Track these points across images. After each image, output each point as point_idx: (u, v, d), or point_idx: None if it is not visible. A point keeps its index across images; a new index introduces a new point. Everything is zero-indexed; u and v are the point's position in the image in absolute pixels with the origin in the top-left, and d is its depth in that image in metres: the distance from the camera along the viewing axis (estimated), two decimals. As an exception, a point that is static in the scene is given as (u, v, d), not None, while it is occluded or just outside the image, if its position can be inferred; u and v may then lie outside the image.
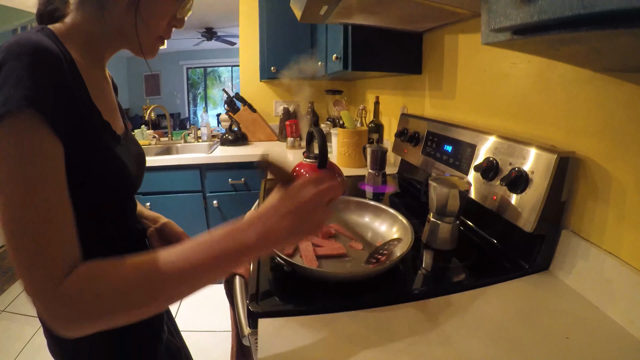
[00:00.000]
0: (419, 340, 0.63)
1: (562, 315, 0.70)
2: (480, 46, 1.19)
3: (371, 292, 0.76)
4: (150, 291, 0.50)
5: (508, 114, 1.07)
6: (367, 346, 0.62)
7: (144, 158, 0.84)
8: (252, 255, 0.56)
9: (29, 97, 0.48)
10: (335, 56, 1.77)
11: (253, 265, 0.86)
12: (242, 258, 0.54)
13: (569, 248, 0.81)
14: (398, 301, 0.74)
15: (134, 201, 0.84)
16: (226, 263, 0.54)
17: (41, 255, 0.47)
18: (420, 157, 1.40)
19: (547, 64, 0.90)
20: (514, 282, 0.81)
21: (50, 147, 0.51)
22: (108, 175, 0.65)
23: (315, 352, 0.61)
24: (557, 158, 0.78)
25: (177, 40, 6.79)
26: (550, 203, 0.80)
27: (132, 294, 0.49)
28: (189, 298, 0.57)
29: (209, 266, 0.53)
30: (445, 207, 0.90)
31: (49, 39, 0.55)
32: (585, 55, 0.63)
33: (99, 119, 0.66)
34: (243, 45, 3.29)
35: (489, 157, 0.97)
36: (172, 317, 1.03)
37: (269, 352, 0.60)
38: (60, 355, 0.73)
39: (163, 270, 0.50)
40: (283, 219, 0.55)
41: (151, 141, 3.18)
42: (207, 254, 0.53)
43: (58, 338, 0.71)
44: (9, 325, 2.40)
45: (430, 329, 0.66)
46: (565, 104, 0.86)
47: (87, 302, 0.47)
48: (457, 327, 0.66)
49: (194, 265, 0.52)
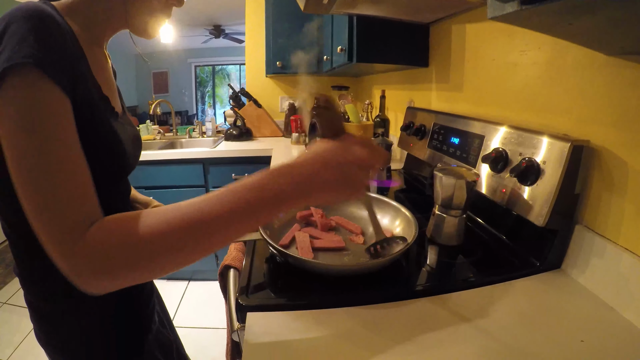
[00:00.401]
0: (415, 342, 0.59)
1: (575, 317, 0.65)
2: (489, 35, 1.15)
3: (371, 287, 0.72)
4: (175, 238, 0.47)
5: (518, 104, 1.02)
6: (359, 344, 0.58)
7: (139, 141, 0.83)
8: (288, 203, 0.51)
9: (33, 55, 0.48)
10: (340, 48, 1.74)
11: (246, 257, 0.82)
12: (278, 205, 0.51)
13: (582, 244, 0.76)
14: (398, 298, 0.70)
15: (128, 184, 0.84)
16: (261, 209, 0.50)
17: (61, 206, 0.46)
18: (427, 150, 1.36)
19: (559, 49, 0.86)
20: (524, 280, 0.76)
21: (58, 101, 0.50)
22: (103, 149, 0.64)
23: (304, 350, 0.57)
24: (571, 146, 0.73)
25: (185, 38, 6.80)
26: (563, 195, 0.75)
27: (156, 242, 0.47)
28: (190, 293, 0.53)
29: (239, 212, 0.49)
30: (452, 200, 0.86)
31: (52, 10, 0.56)
32: (599, 32, 0.58)
33: (99, 91, 0.66)
34: (249, 40, 3.28)
35: (498, 148, 0.92)
36: (165, 309, 1.02)
37: (255, 348, 0.57)
38: (46, 342, 0.71)
39: (189, 217, 0.47)
40: (328, 170, 0.52)
41: (156, 136, 3.17)
42: (239, 199, 0.49)
43: (45, 325, 0.70)
44: (9, 318, 2.42)
45: (429, 330, 0.61)
46: (578, 91, 0.81)
47: (111, 252, 0.46)
48: (459, 329, 0.62)
49: (223, 210, 0.48)
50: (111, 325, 0.73)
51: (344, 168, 0.53)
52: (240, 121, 3.02)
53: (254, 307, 0.66)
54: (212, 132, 3.26)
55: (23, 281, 0.68)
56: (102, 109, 0.66)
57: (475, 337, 0.59)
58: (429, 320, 0.64)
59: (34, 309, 0.70)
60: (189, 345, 2.06)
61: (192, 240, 0.47)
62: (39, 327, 0.71)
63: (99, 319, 0.72)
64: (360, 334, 0.60)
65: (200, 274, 2.86)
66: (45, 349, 0.72)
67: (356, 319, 0.64)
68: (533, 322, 0.63)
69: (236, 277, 0.80)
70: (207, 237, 0.48)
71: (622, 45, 0.65)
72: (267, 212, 0.51)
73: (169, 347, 0.88)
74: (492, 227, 0.97)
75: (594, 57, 0.76)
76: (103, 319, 0.72)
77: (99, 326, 0.71)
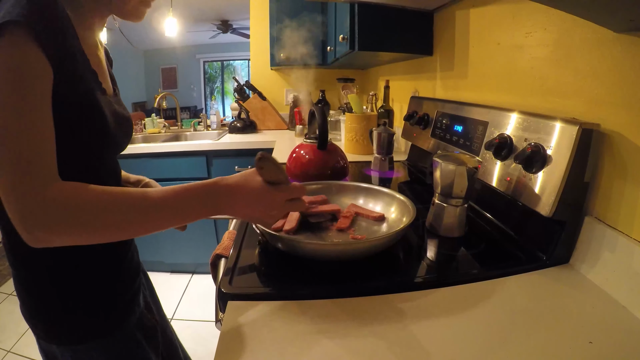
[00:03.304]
0: (409, 338, 0.54)
1: (583, 316, 0.60)
2: (493, 19, 1.10)
3: (364, 278, 0.69)
4: (121, 217, 0.55)
5: (524, 88, 0.97)
6: (341, 338, 0.54)
7: (129, 122, 0.83)
8: (206, 215, 0.63)
9: (24, 15, 0.50)
10: (342, 37, 1.70)
11: (235, 244, 0.80)
12: (199, 215, 0.62)
13: (592, 237, 0.71)
14: (394, 290, 0.65)
15: (116, 163, 0.85)
16: (185, 215, 0.61)
17: (26, 160, 0.50)
18: (430, 140, 1.31)
19: (566, 28, 0.81)
20: (529, 275, 0.71)
21: (39, 66, 0.53)
22: (85, 119, 0.66)
23: (281, 343, 0.53)
24: (579, 130, 0.68)
25: (192, 33, 6.80)
26: (571, 183, 0.70)
27: (105, 215, 0.54)
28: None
29: (168, 217, 0.59)
30: (452, 188, 0.81)
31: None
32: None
33: (87, 65, 0.68)
34: (254, 32, 3.27)
35: (502, 134, 0.87)
36: (155, 294, 1.02)
37: (229, 341, 0.54)
38: (28, 314, 0.72)
39: (139, 202, 0.56)
40: (248, 208, 0.64)
41: (161, 129, 3.16)
42: (173, 207, 0.59)
43: (29, 297, 0.72)
44: (14, 308, 2.44)
45: (425, 325, 0.57)
46: (587, 72, 0.76)
47: (67, 210, 0.51)
48: (457, 325, 0.57)
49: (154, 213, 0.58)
50: (91, 296, 0.74)
51: (263, 211, 0.64)
52: (245, 114, 3.00)
53: (235, 295, 0.63)
54: (217, 125, 3.25)
55: (6, 238, 0.69)
56: (89, 81, 0.67)
57: (475, 335, 0.55)
58: (425, 314, 0.59)
59: (18, 281, 0.72)
60: (190, 337, 2.11)
61: (125, 221, 0.56)
62: (22, 301, 0.72)
63: (81, 295, 0.73)
64: (347, 328, 0.56)
65: (203, 267, 2.85)
66: (27, 320, 0.73)
67: (346, 312, 0.59)
68: (538, 321, 0.58)
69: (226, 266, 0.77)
70: (145, 222, 0.57)
71: (632, 17, 0.59)
72: (189, 218, 0.62)
73: (153, 330, 0.87)
74: (495, 218, 0.92)
75: (602, 34, 0.71)
76: (86, 296, 0.73)
77: (79, 302, 0.73)
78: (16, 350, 2.08)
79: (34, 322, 0.72)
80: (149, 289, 0.97)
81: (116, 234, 0.56)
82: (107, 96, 0.75)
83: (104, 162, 0.77)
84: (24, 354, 2.05)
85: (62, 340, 0.72)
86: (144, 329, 0.83)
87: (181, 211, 0.60)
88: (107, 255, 0.76)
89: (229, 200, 0.62)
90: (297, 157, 1.22)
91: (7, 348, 2.10)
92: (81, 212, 0.52)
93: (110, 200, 0.54)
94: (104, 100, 0.71)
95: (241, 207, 0.63)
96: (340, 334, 0.54)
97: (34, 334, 0.73)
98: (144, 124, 3.17)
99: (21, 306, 0.73)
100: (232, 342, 0.53)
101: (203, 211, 0.61)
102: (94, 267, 0.73)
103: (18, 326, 2.24)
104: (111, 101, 0.76)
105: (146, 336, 0.83)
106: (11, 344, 2.13)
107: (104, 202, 0.54)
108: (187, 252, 2.76)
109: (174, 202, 0.58)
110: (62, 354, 0.72)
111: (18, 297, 0.72)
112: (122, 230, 0.56)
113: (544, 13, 0.87)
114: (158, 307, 1.01)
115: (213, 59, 8.18)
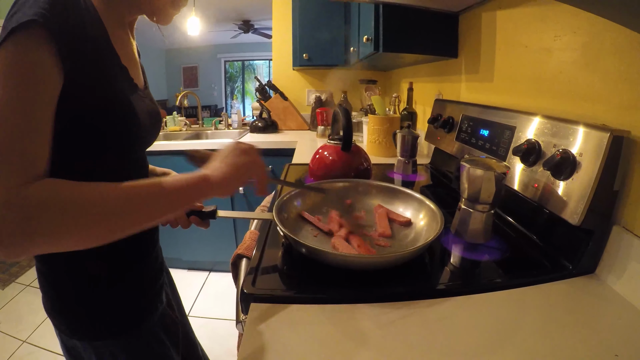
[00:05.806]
0: (431, 347, 0.54)
1: (609, 328, 0.58)
2: (520, 21, 1.08)
3: (388, 284, 0.68)
4: (106, 213, 0.51)
5: (552, 92, 0.95)
6: (369, 346, 0.54)
7: (159, 117, 0.85)
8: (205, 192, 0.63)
9: (41, 14, 0.51)
10: (366, 37, 1.69)
11: (258, 244, 0.80)
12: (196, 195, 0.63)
13: (620, 247, 0.69)
14: (417, 297, 0.65)
15: (144, 159, 0.86)
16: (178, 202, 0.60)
17: (10, 155, 0.48)
18: (455, 144, 1.29)
19: (595, 32, 0.79)
20: (554, 284, 0.70)
21: (50, 67, 0.53)
22: (116, 115, 0.66)
23: (305, 348, 0.53)
24: (610, 137, 0.66)
25: (214, 33, 6.87)
26: (600, 192, 0.68)
27: (89, 214, 0.49)
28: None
29: (160, 209, 0.57)
30: (479, 193, 0.80)
31: None
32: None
33: (117, 61, 0.69)
34: (276, 32, 3.27)
35: (530, 139, 0.85)
36: (176, 291, 1.03)
37: (252, 343, 0.53)
38: (51, 308, 0.74)
39: (124, 196, 0.53)
40: (223, 166, 0.66)
41: (182, 127, 3.20)
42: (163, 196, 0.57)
43: (52, 291, 0.73)
44: (33, 299, 2.53)
45: (448, 333, 0.57)
46: (617, 77, 0.74)
47: (47, 212, 0.46)
48: (479, 334, 0.57)
49: (145, 206, 0.55)
50: (114, 293, 0.75)
51: (231, 164, 0.67)
52: (266, 113, 3.02)
53: (258, 297, 0.63)
54: (238, 124, 3.27)
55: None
56: (119, 78, 0.69)
57: (497, 345, 0.54)
58: (447, 322, 0.59)
59: (42, 275, 0.73)
60: (206, 335, 2.11)
61: (121, 216, 0.52)
62: (45, 294, 0.74)
63: (104, 290, 0.74)
64: (373, 335, 0.56)
65: (221, 265, 2.87)
66: (49, 314, 0.75)
67: (369, 317, 0.59)
68: (562, 332, 0.57)
69: (247, 266, 0.77)
70: (133, 214, 0.54)
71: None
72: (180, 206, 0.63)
73: (174, 327, 0.88)
74: (521, 225, 0.91)
75: (633, 38, 0.69)
76: (110, 291, 0.74)
77: (103, 297, 0.74)
78: (31, 341, 2.11)
79: (56, 315, 0.73)
80: (170, 287, 0.99)
81: (102, 229, 0.52)
82: (139, 91, 0.76)
83: (133, 157, 0.79)
84: (40, 344, 2.08)
85: (84, 335, 0.73)
86: (165, 326, 0.84)
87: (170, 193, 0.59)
88: (130, 253, 0.78)
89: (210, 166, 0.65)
90: (321, 158, 1.22)
91: (22, 338, 2.13)
92: (62, 213, 0.48)
93: (88, 199, 0.50)
94: (136, 98, 0.72)
95: (220, 168, 0.65)
96: (363, 340, 0.54)
97: (54, 327, 0.75)
98: (165, 121, 3.21)
99: (43, 299, 0.74)
100: (254, 346, 0.53)
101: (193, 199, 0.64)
102: (116, 265, 0.75)
103: (36, 317, 2.27)
104: (142, 96, 0.78)
105: (167, 333, 0.84)
106: (27, 335, 2.16)
107: (85, 201, 0.50)
108: (205, 250, 2.77)
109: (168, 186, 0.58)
110: (85, 349, 0.73)
111: (40, 290, 0.74)
112: (105, 228, 0.52)
113: (573, 16, 0.86)
114: (179, 304, 1.02)
115: (234, 59, 8.25)
